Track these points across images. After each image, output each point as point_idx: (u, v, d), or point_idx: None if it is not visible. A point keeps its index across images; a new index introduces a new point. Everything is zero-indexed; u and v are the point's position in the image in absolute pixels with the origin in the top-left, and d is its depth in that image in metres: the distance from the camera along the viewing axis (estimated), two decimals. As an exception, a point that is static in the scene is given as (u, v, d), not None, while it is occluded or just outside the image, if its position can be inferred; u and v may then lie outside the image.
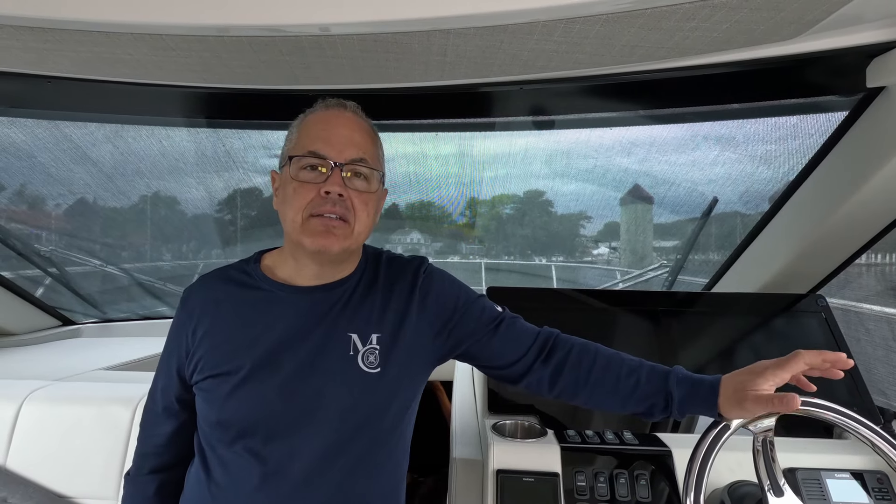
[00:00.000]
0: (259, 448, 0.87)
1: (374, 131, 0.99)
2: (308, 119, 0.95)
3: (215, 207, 2.19)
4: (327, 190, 0.87)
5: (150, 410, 1.01)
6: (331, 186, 0.87)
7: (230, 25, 0.86)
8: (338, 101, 0.96)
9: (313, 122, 0.94)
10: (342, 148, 0.90)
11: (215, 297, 0.96)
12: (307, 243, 0.88)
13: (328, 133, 0.91)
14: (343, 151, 0.90)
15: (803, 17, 0.88)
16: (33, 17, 0.84)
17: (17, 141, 1.64)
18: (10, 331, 2.04)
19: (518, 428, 1.18)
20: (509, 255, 2.88)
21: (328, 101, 0.96)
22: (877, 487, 1.03)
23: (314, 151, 0.89)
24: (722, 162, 1.64)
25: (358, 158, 0.91)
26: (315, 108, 0.97)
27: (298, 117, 0.98)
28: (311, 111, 0.97)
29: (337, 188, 0.87)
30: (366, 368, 0.90)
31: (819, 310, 1.41)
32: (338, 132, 0.91)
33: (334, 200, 0.88)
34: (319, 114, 0.95)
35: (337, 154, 0.89)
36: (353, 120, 0.94)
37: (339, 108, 0.95)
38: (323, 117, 0.94)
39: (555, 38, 0.92)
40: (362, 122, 0.96)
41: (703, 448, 0.87)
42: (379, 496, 0.92)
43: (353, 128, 0.93)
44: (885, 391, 1.40)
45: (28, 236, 2.09)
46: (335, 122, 0.93)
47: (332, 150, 0.89)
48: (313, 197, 0.88)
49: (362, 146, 0.93)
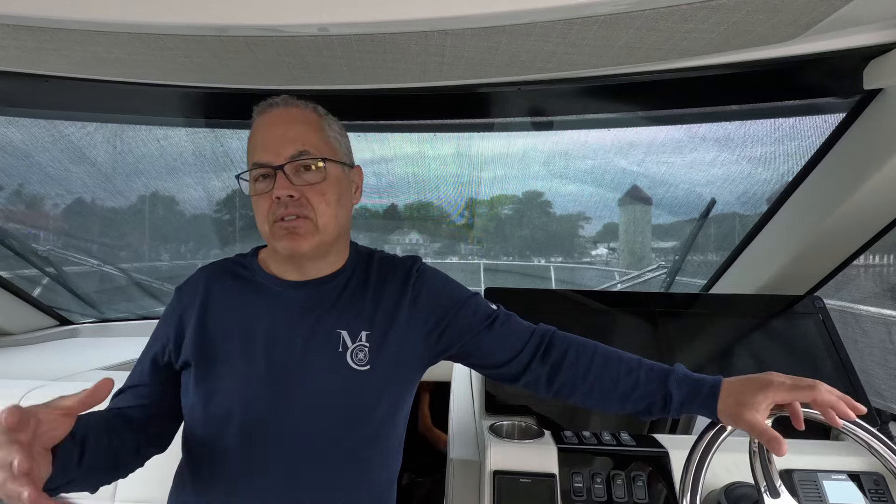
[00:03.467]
0: (244, 442, 0.86)
1: (317, 115, 0.95)
2: (252, 130, 0.94)
3: (213, 207, 2.19)
4: (277, 195, 0.87)
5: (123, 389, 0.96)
6: (278, 191, 0.87)
7: (228, 25, 0.86)
8: (268, 101, 0.94)
9: (253, 133, 0.94)
10: (278, 149, 0.89)
11: (209, 288, 0.97)
12: (279, 248, 0.90)
13: (263, 138, 0.91)
14: (280, 152, 0.88)
15: (800, 19, 0.88)
16: (31, 17, 0.84)
17: (14, 140, 1.63)
18: (7, 330, 2.04)
19: (515, 429, 1.18)
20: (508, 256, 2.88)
21: (260, 104, 0.94)
22: (873, 489, 1.04)
23: (256, 162, 0.90)
24: (720, 163, 1.64)
25: (297, 153, 0.89)
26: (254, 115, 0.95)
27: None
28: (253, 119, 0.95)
29: (283, 191, 0.87)
30: (354, 366, 0.90)
31: (816, 311, 1.41)
32: (271, 133, 0.90)
33: (286, 203, 0.88)
34: (256, 121, 0.94)
35: (275, 157, 0.88)
36: (285, 114, 0.92)
37: (270, 108, 0.93)
38: (258, 124, 0.93)
39: (553, 39, 0.92)
40: (298, 112, 0.93)
41: (700, 449, 0.87)
42: (367, 495, 0.91)
43: (286, 122, 0.91)
44: (882, 393, 1.40)
45: (25, 236, 2.08)
46: (267, 123, 0.92)
47: (269, 154, 0.89)
48: (269, 205, 0.89)
49: (300, 138, 0.90)
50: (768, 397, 0.81)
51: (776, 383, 0.82)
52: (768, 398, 0.81)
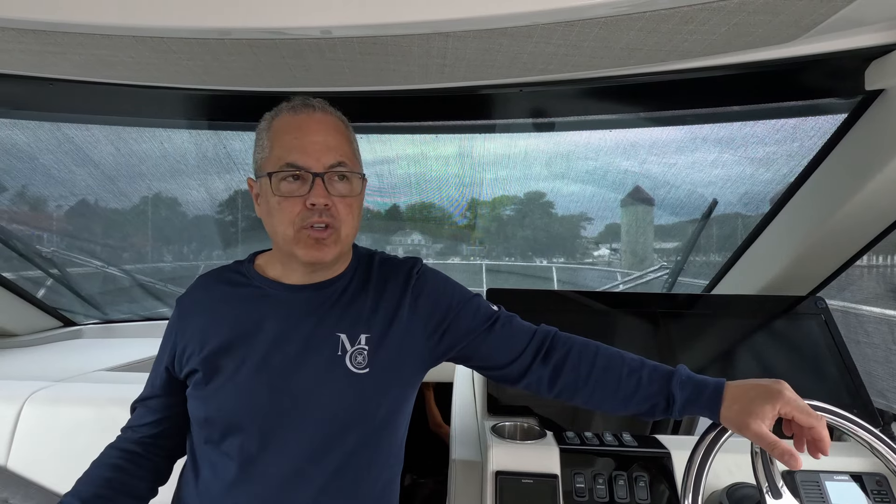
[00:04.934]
0: (245, 445, 0.87)
1: (346, 126, 0.95)
2: (277, 125, 0.91)
3: (216, 209, 2.19)
4: (312, 202, 0.86)
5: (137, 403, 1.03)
6: (315, 198, 0.86)
7: (231, 28, 0.87)
8: (303, 100, 0.92)
9: (285, 130, 0.90)
10: (319, 155, 0.88)
11: (209, 296, 0.98)
12: (301, 255, 0.89)
13: (302, 141, 0.88)
14: (321, 159, 0.88)
15: (802, 20, 0.88)
16: (35, 21, 0.85)
17: (19, 143, 1.64)
18: (11, 332, 2.05)
19: (517, 430, 1.18)
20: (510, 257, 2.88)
21: (294, 102, 0.92)
22: (875, 490, 1.03)
23: (292, 164, 0.87)
24: (722, 164, 1.64)
25: (337, 163, 0.89)
26: (281, 110, 0.92)
27: (265, 119, 0.94)
28: (277, 115, 0.92)
29: (322, 199, 0.86)
30: (353, 369, 0.90)
31: (819, 312, 1.41)
32: (312, 139, 0.88)
33: (320, 211, 0.87)
34: (288, 119, 0.91)
35: (315, 163, 0.87)
36: (325, 121, 0.91)
37: (307, 110, 0.91)
38: (294, 124, 0.90)
39: (554, 41, 0.92)
40: (334, 121, 0.93)
41: (702, 450, 0.87)
42: (368, 496, 0.92)
43: (328, 131, 0.90)
44: (885, 393, 1.40)
45: (30, 237, 2.09)
46: (307, 128, 0.89)
47: (309, 159, 0.87)
48: (300, 209, 0.87)
49: (339, 149, 0.90)
50: (776, 409, 0.79)
51: (786, 398, 0.80)
52: (776, 410, 0.79)
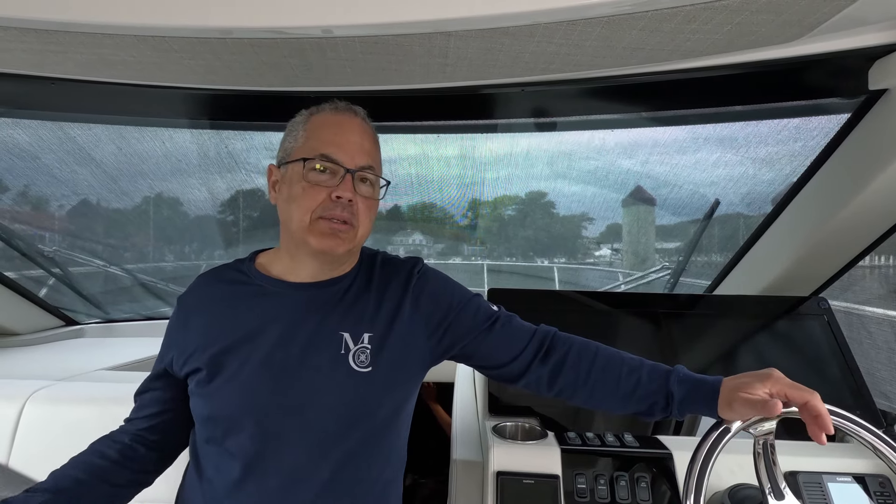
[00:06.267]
0: (248, 444, 0.87)
1: (377, 138, 1.01)
2: (318, 120, 0.96)
3: (218, 208, 2.20)
4: (339, 195, 0.90)
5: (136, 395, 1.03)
6: (342, 192, 0.90)
7: (233, 28, 0.87)
8: (347, 105, 0.98)
9: (324, 125, 0.95)
10: (354, 154, 0.92)
11: (209, 294, 0.99)
12: (313, 243, 0.90)
13: (340, 138, 0.93)
14: (354, 158, 0.92)
15: (805, 19, 0.88)
16: (37, 20, 0.85)
17: (21, 142, 1.65)
18: (13, 331, 2.05)
19: (518, 430, 1.18)
20: (512, 257, 2.88)
21: (337, 103, 0.98)
22: (878, 491, 1.03)
23: (327, 155, 0.91)
24: (724, 164, 1.63)
25: (367, 166, 0.94)
26: (323, 108, 0.97)
27: (301, 114, 0.99)
28: (318, 111, 0.97)
29: (348, 194, 0.90)
30: (356, 367, 0.91)
31: (821, 312, 1.41)
32: (350, 138, 0.93)
33: (343, 205, 0.91)
34: (329, 116, 0.96)
35: (349, 160, 0.92)
36: (363, 127, 0.97)
37: (349, 112, 0.97)
38: (335, 121, 0.95)
39: (556, 41, 0.92)
40: (370, 130, 0.99)
41: (704, 451, 0.86)
42: (370, 495, 0.92)
43: (364, 135, 0.96)
44: (888, 394, 1.40)
45: (32, 237, 2.10)
46: (347, 127, 0.95)
47: (344, 155, 0.91)
48: (323, 199, 0.90)
49: (371, 154, 0.95)
50: (766, 386, 0.82)
51: (775, 376, 0.83)
52: (766, 387, 0.82)
